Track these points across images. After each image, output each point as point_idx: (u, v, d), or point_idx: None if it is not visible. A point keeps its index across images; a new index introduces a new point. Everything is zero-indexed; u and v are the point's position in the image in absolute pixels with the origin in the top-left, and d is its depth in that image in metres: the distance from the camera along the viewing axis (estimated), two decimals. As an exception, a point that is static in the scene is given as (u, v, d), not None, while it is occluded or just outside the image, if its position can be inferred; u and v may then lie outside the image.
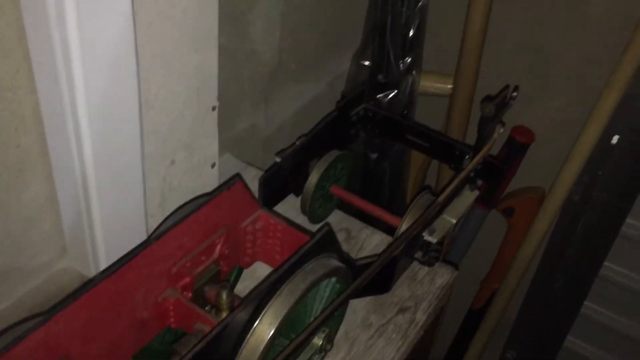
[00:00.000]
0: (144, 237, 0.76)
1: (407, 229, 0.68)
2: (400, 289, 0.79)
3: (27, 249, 0.73)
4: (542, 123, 1.25)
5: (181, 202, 0.75)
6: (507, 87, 0.71)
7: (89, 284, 0.52)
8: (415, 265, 0.81)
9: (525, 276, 1.37)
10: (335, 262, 0.60)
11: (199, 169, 0.85)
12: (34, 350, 0.49)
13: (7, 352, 0.47)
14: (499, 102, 0.69)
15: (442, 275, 0.81)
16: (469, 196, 0.76)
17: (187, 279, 0.61)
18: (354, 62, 1.18)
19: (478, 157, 0.73)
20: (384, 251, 0.66)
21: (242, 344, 0.55)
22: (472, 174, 0.75)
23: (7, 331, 0.50)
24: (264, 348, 0.56)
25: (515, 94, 0.71)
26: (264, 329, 0.56)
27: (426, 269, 0.81)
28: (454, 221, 0.73)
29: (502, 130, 0.73)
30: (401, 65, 1.14)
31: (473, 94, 1.21)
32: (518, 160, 1.27)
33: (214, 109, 0.83)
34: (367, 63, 1.16)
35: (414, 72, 1.17)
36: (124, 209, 0.73)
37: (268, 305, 0.57)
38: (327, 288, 0.62)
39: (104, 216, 0.70)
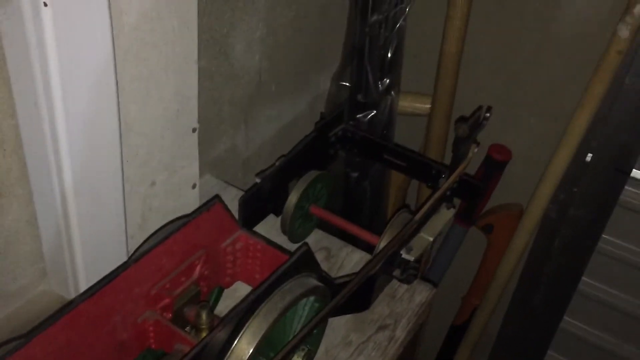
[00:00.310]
0: (124, 259, 0.76)
1: (384, 247, 0.69)
2: (380, 307, 0.80)
3: (7, 272, 0.73)
4: (519, 141, 1.28)
5: (162, 222, 0.76)
6: (480, 107, 0.73)
7: (67, 307, 0.53)
8: (394, 283, 0.82)
9: (506, 292, 1.39)
10: (313, 281, 0.61)
11: (180, 190, 0.86)
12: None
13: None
14: (473, 122, 0.71)
15: (421, 293, 0.83)
16: (445, 214, 0.78)
17: (167, 300, 0.62)
18: (333, 82, 1.20)
19: (453, 176, 0.74)
20: (361, 269, 0.67)
21: (222, 364, 0.56)
22: (448, 193, 0.77)
23: (-15, 355, 0.50)
24: (244, 368, 0.56)
25: (488, 114, 0.73)
26: (243, 348, 0.57)
27: (405, 286, 0.82)
28: (431, 239, 0.75)
29: (476, 149, 0.75)
30: (380, 85, 1.16)
31: (450, 113, 1.23)
32: (496, 178, 1.29)
33: (194, 130, 0.84)
34: (346, 84, 1.18)
35: (392, 92, 1.19)
36: (104, 231, 0.73)
37: (247, 325, 0.58)
38: (306, 307, 0.63)
39: (84, 239, 0.71)
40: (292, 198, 0.83)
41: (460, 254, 1.40)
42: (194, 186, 0.89)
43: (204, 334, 0.61)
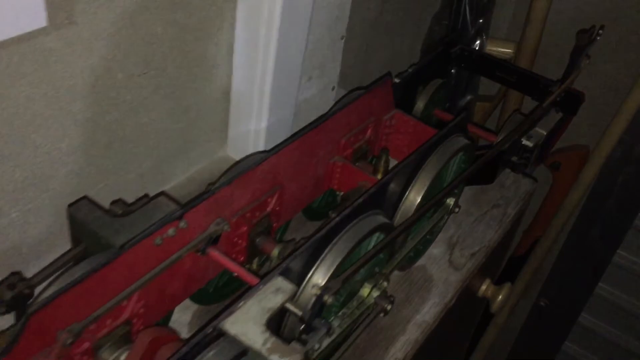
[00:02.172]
0: (290, 133, 0.93)
1: (514, 130, 0.85)
2: (493, 192, 0.97)
3: (196, 137, 0.90)
4: (591, 85, 1.43)
5: (310, 113, 0.93)
6: (594, 26, 0.89)
7: (300, 132, 0.69)
8: (503, 176, 0.99)
9: (564, 227, 1.55)
10: (464, 140, 0.78)
11: (322, 92, 1.03)
12: (262, 176, 0.66)
13: (250, 170, 0.64)
14: (589, 35, 0.87)
15: (525, 184, 0.99)
16: (554, 116, 0.94)
17: (350, 150, 0.79)
18: (433, 21, 1.36)
19: (567, 82, 0.90)
20: (496, 143, 0.84)
21: (400, 203, 0.72)
22: (559, 99, 0.93)
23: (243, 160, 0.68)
24: (417, 205, 0.72)
25: (601, 31, 0.88)
26: (417, 191, 0.73)
27: (512, 178, 0.99)
28: (545, 133, 0.91)
29: (587, 62, 0.91)
30: (474, 27, 1.32)
31: (534, 61, 1.38)
32: (569, 119, 1.44)
33: (342, 38, 1.00)
34: (445, 22, 1.34)
35: (483, 34, 1.35)
36: (284, 108, 0.90)
37: (416, 177, 0.74)
38: (454, 165, 0.79)
39: (271, 112, 0.88)
40: (422, 100, 0.99)
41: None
42: (333, 88, 1.05)
43: (379, 176, 0.77)
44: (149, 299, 0.58)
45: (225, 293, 0.74)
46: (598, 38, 0.89)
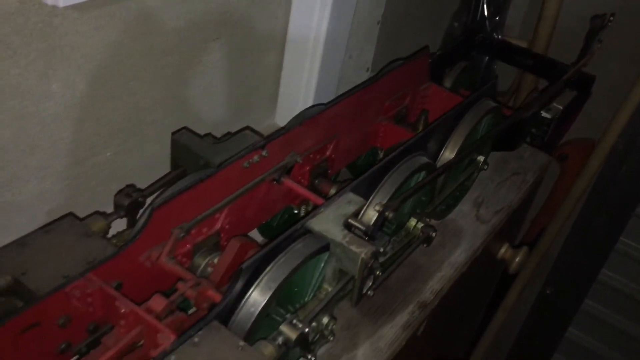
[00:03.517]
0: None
1: (534, 101, 0.97)
2: (512, 162, 1.08)
3: (249, 106, 1.01)
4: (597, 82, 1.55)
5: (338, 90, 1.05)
6: (605, 14, 1.01)
7: (353, 89, 0.81)
8: (521, 150, 1.10)
9: (570, 215, 1.66)
10: (492, 103, 0.89)
11: (360, 69, 1.14)
12: (324, 123, 0.77)
13: (316, 115, 0.75)
14: (601, 21, 0.99)
15: (541, 158, 1.10)
16: (567, 94, 1.06)
17: (392, 113, 0.90)
18: (453, 19, 1.48)
19: (582, 61, 1.02)
20: (519, 110, 0.95)
21: (440, 152, 0.83)
22: (575, 77, 1.05)
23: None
24: (456, 152, 0.83)
25: (612, 18, 1.00)
26: (455, 141, 0.84)
27: (530, 152, 1.10)
28: (561, 107, 1.02)
29: (599, 46, 1.03)
30: (491, 25, 1.44)
31: (546, 54, 1.50)
32: (576, 113, 1.57)
33: (378, 23, 1.12)
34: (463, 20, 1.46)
35: (498, 32, 1.47)
36: (329, 83, 1.02)
37: (453, 133, 0.85)
38: (485, 124, 0.90)
39: (318, 85, 0.99)
40: (448, 80, 1.10)
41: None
42: (367, 70, 1.17)
43: (419, 135, 0.88)
44: (233, 217, 0.69)
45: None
46: (609, 24, 1.01)
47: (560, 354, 1.91)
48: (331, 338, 0.62)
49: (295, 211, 0.80)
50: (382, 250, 0.62)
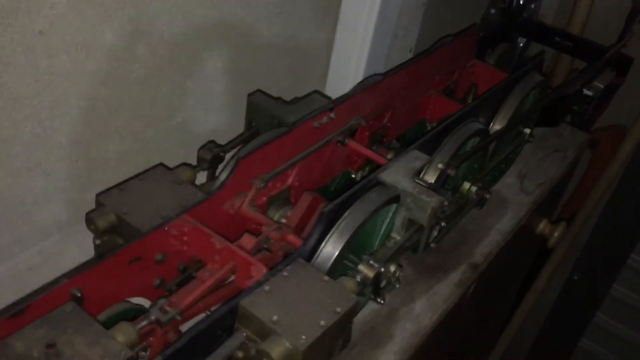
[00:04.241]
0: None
1: (577, 78, 1.01)
2: (553, 140, 1.12)
3: (299, 78, 1.06)
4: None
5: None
6: (645, -3, 1.05)
7: (408, 62, 0.85)
8: (561, 128, 1.14)
9: (601, 200, 1.69)
10: (539, 77, 0.93)
11: (403, 50, 1.19)
12: (383, 91, 0.82)
13: (377, 83, 0.80)
14: (643, 3, 1.03)
15: (581, 136, 1.15)
16: (607, 75, 1.10)
17: (441, 87, 0.95)
18: (489, 4, 1.52)
19: (623, 41, 1.06)
20: (564, 85, 0.99)
21: (491, 121, 0.88)
22: (615, 58, 1.09)
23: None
24: (504, 129, 0.88)
25: (652, 0, 1.04)
26: (503, 118, 0.89)
27: (569, 130, 1.14)
28: (602, 86, 1.06)
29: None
30: (526, 11, 1.48)
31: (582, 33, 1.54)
32: (609, 100, 1.60)
33: (423, 4, 1.17)
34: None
35: (533, 19, 1.51)
36: (377, 60, 1.06)
37: (503, 103, 0.90)
38: (532, 97, 0.95)
39: (368, 62, 1.04)
40: (491, 59, 1.15)
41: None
42: (410, 50, 1.22)
43: (468, 107, 0.93)
44: (301, 176, 0.74)
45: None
46: (650, 6, 1.05)
47: (588, 339, 1.95)
48: (397, 285, 0.67)
49: (353, 175, 0.85)
50: (446, 203, 0.66)
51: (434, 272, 0.83)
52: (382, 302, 0.66)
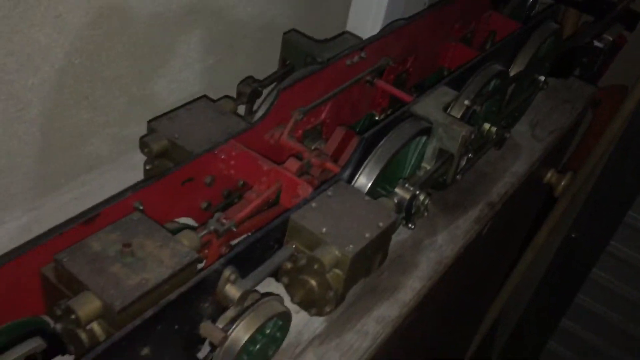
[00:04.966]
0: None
1: (589, 29, 1.05)
2: (562, 91, 1.17)
3: (319, 24, 1.08)
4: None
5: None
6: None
7: (428, 9, 0.89)
8: (569, 81, 1.18)
9: (602, 158, 1.74)
10: (557, 25, 0.97)
11: (419, 1, 1.22)
12: (407, 35, 0.86)
13: (403, 26, 0.83)
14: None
15: (589, 89, 1.19)
16: (617, 26, 1.14)
17: (459, 35, 0.98)
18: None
19: (631, -3, 1.10)
20: (577, 35, 1.03)
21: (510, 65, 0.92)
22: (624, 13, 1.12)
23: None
24: (523, 72, 0.92)
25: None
26: (520, 62, 0.92)
27: (578, 83, 1.19)
28: (611, 38, 1.10)
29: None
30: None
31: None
32: (615, 55, 1.64)
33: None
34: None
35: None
36: (395, 8, 1.09)
37: (521, 49, 0.93)
38: (547, 45, 0.98)
39: (386, 12, 1.07)
40: (506, 11, 1.18)
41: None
42: (424, 4, 1.24)
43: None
44: (332, 112, 0.78)
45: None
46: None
47: (584, 295, 2.02)
48: (425, 214, 0.72)
49: (376, 118, 0.89)
50: (472, 136, 0.71)
51: (454, 209, 0.88)
52: (413, 227, 0.70)
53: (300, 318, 0.67)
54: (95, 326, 0.47)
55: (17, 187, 0.70)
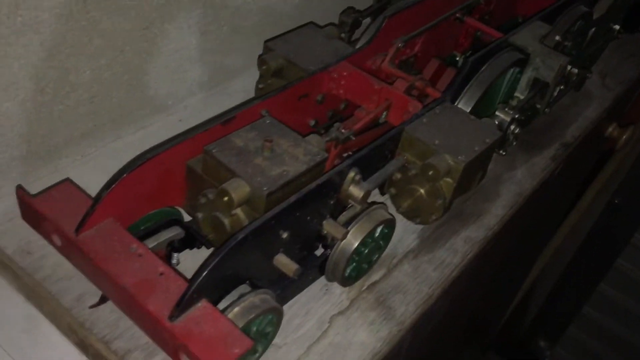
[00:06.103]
0: None
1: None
2: (630, 45, 1.18)
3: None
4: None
5: None
6: None
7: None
8: (636, 37, 1.20)
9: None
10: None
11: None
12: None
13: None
14: None
15: None
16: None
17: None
18: None
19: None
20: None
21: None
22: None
23: None
24: (604, 16, 0.94)
25: None
26: (602, 6, 0.94)
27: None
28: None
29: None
30: None
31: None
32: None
33: None
34: None
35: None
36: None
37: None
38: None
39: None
40: None
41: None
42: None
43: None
44: (424, 46, 0.81)
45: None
46: None
47: (624, 260, 2.04)
48: (514, 143, 0.75)
49: (457, 59, 0.91)
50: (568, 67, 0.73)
51: (532, 148, 0.91)
52: (504, 153, 0.73)
53: (394, 234, 0.72)
54: (239, 212, 0.52)
55: (132, 105, 0.75)
